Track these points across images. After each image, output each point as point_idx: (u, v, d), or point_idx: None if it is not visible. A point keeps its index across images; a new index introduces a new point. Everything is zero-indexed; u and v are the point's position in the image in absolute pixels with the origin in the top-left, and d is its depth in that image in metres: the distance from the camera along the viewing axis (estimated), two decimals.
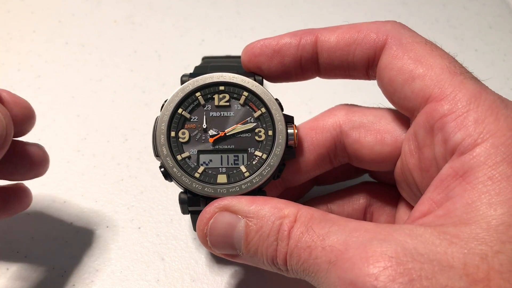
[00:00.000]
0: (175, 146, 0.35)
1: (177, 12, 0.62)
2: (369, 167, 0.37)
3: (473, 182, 0.26)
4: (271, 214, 0.30)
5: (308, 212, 0.30)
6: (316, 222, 0.29)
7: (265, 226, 0.30)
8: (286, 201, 0.31)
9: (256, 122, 0.36)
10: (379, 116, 0.36)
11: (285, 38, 0.36)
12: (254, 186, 0.34)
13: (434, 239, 0.25)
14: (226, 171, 0.34)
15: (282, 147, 0.34)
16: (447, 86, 0.29)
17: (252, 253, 0.31)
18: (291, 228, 0.29)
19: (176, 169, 0.34)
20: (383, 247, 0.25)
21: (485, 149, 0.27)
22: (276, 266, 0.30)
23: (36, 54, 0.57)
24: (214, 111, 0.36)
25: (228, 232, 0.31)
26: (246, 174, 0.34)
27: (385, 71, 0.33)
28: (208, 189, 0.33)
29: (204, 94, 0.36)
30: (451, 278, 0.24)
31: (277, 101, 0.36)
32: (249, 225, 0.31)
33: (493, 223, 0.25)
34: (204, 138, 0.35)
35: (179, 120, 0.35)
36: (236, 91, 0.36)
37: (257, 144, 0.35)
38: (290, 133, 0.35)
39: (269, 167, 0.34)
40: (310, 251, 0.28)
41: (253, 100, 0.36)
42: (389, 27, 0.34)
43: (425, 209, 0.29)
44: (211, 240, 0.32)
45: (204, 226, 0.32)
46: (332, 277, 0.26)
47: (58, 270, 0.41)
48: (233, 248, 0.32)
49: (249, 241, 0.31)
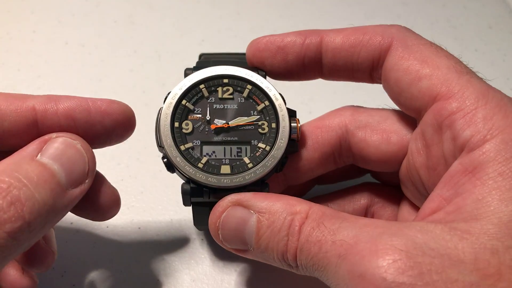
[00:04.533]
0: (178, 136, 0.35)
1: (177, 12, 0.62)
2: (374, 167, 0.37)
3: (483, 178, 0.26)
4: (283, 210, 0.30)
5: (319, 210, 0.30)
6: (327, 218, 0.29)
7: (277, 221, 0.30)
8: (298, 199, 0.31)
9: (259, 115, 0.36)
10: (385, 116, 0.36)
11: (290, 36, 0.36)
12: (257, 176, 0.34)
13: (445, 235, 0.25)
14: (229, 162, 0.35)
15: (285, 139, 0.35)
16: (454, 85, 0.30)
17: (263, 248, 0.31)
18: (302, 224, 0.29)
19: (179, 159, 0.34)
20: (393, 241, 0.25)
21: (494, 145, 0.27)
22: (286, 262, 0.31)
23: (36, 54, 0.57)
24: (217, 104, 0.36)
25: (239, 227, 0.32)
26: (250, 165, 0.34)
27: (391, 72, 0.33)
28: (212, 179, 0.33)
29: (208, 87, 0.36)
30: (462, 273, 0.24)
31: (280, 95, 0.36)
32: (260, 220, 0.31)
33: (504, 218, 0.25)
34: (207, 130, 0.36)
35: (183, 111, 0.36)
36: (240, 84, 0.36)
37: (260, 137, 0.35)
38: (293, 126, 0.35)
39: (272, 159, 0.34)
40: (320, 245, 0.28)
41: (256, 94, 0.36)
42: (394, 30, 0.34)
43: (435, 206, 0.29)
44: (223, 234, 0.32)
45: (216, 219, 0.32)
46: (341, 271, 0.26)
47: (58, 270, 0.41)
48: (244, 243, 0.32)
49: (260, 236, 0.31)
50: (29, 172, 0.27)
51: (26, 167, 0.28)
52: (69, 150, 0.30)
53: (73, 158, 0.30)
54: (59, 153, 0.30)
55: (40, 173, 0.28)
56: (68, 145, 0.30)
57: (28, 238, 0.27)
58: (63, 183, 0.29)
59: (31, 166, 0.28)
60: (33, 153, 0.29)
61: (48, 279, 0.41)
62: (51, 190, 0.28)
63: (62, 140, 0.30)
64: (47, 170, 0.28)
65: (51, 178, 0.28)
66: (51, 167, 0.29)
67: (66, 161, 0.30)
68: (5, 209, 0.26)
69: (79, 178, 0.30)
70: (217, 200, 0.33)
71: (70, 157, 0.30)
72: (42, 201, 0.27)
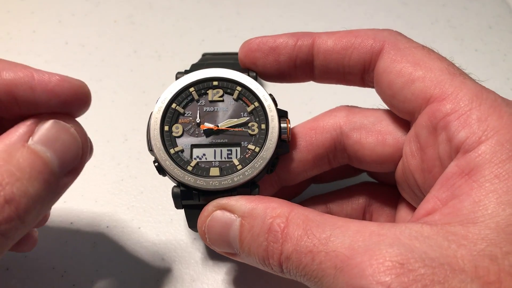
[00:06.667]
0: (168, 140, 0.35)
1: (177, 12, 0.62)
2: (369, 168, 0.37)
3: (480, 181, 0.26)
4: (263, 213, 0.30)
5: (302, 213, 0.29)
6: (314, 224, 0.28)
7: (256, 226, 0.30)
8: (281, 201, 0.31)
9: (249, 116, 0.36)
10: (380, 117, 0.36)
11: (283, 37, 0.36)
12: (246, 178, 0.34)
13: (443, 241, 0.25)
14: (219, 164, 0.35)
15: (274, 140, 0.35)
16: (448, 87, 0.30)
17: (247, 253, 0.31)
18: (285, 228, 0.29)
19: (168, 162, 0.34)
20: (392, 252, 0.25)
21: (490, 146, 0.27)
22: (269, 267, 0.30)
23: (36, 54, 0.57)
24: (207, 106, 0.36)
25: (224, 231, 0.32)
26: (239, 167, 0.34)
27: (383, 75, 0.33)
28: (201, 182, 0.33)
29: (198, 89, 0.36)
30: (463, 281, 0.24)
31: (270, 96, 0.36)
32: (243, 224, 0.31)
33: (502, 223, 0.25)
34: (197, 133, 0.36)
35: (173, 115, 0.36)
36: (230, 86, 0.36)
37: (250, 138, 0.35)
38: (283, 127, 0.35)
39: (261, 160, 0.34)
40: (313, 256, 0.27)
41: (246, 95, 0.36)
42: (386, 34, 0.34)
43: (430, 207, 0.29)
44: (210, 238, 0.33)
45: (202, 224, 0.33)
46: (339, 283, 0.26)
47: (58, 270, 0.41)
48: (231, 247, 0.32)
49: (243, 240, 0.31)
50: (21, 162, 0.26)
51: (18, 156, 0.26)
52: (62, 135, 0.29)
53: (66, 144, 0.29)
54: (52, 139, 0.28)
55: (33, 162, 0.27)
56: (61, 129, 0.29)
57: (21, 233, 0.27)
58: (56, 172, 0.28)
59: (23, 154, 0.27)
60: (24, 137, 0.27)
61: (48, 279, 0.41)
62: (44, 181, 0.27)
63: (54, 123, 0.29)
64: (40, 158, 0.27)
65: (44, 167, 0.27)
66: (44, 155, 0.27)
67: (60, 147, 0.28)
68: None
69: (72, 165, 0.29)
70: (207, 202, 0.33)
71: (64, 143, 0.28)
72: (36, 194, 0.26)
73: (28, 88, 0.28)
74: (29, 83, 0.28)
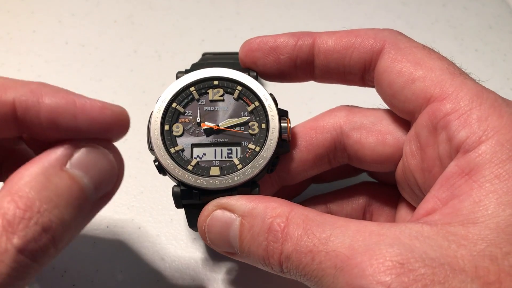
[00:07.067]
0: (168, 139, 0.35)
1: (177, 12, 0.62)
2: (370, 168, 0.37)
3: (480, 181, 0.26)
4: (263, 213, 0.30)
5: (302, 213, 0.29)
6: (314, 224, 0.28)
7: (256, 225, 0.30)
8: (281, 201, 0.31)
9: (250, 115, 0.36)
10: (380, 117, 0.36)
11: (283, 36, 0.36)
12: (246, 178, 0.34)
13: (443, 241, 0.25)
14: (219, 164, 0.35)
15: (275, 140, 0.35)
16: (448, 86, 0.30)
17: (247, 252, 0.31)
18: (285, 228, 0.29)
19: (169, 162, 0.34)
20: (392, 252, 0.25)
21: (490, 146, 0.27)
22: (269, 267, 0.30)
23: (36, 54, 0.57)
24: (208, 105, 0.36)
25: (224, 231, 0.32)
26: (239, 167, 0.34)
27: (384, 75, 0.33)
28: (201, 181, 0.33)
29: (199, 89, 0.36)
30: (463, 281, 0.24)
31: (271, 95, 0.36)
32: (243, 224, 0.31)
33: (502, 224, 0.25)
34: (198, 132, 0.36)
35: (173, 114, 0.36)
36: (230, 85, 0.37)
37: (250, 138, 0.35)
38: (283, 126, 0.35)
39: (262, 159, 0.34)
40: (313, 256, 0.27)
41: (246, 94, 0.36)
42: (386, 33, 0.34)
43: (430, 207, 0.29)
44: (210, 238, 0.33)
45: (202, 223, 0.33)
46: (339, 283, 0.26)
47: (58, 270, 0.41)
48: (231, 246, 0.32)
49: (243, 239, 0.31)
50: (58, 187, 0.25)
51: (56, 181, 0.26)
52: (100, 161, 0.28)
53: (103, 171, 0.28)
54: (90, 164, 0.27)
55: (70, 188, 0.26)
56: (99, 155, 0.28)
57: (53, 259, 0.26)
58: (91, 198, 0.27)
59: (61, 180, 0.26)
60: (62, 160, 0.27)
61: (48, 279, 0.41)
62: (79, 207, 0.26)
63: (93, 148, 0.28)
64: (76, 184, 0.26)
65: (81, 194, 0.26)
66: (81, 180, 0.27)
67: (97, 173, 0.27)
68: (36, 239, 0.24)
69: (106, 190, 0.29)
70: (208, 201, 0.33)
71: (101, 169, 0.28)
72: (71, 221, 0.26)
73: (70, 115, 0.27)
74: (71, 110, 0.27)
